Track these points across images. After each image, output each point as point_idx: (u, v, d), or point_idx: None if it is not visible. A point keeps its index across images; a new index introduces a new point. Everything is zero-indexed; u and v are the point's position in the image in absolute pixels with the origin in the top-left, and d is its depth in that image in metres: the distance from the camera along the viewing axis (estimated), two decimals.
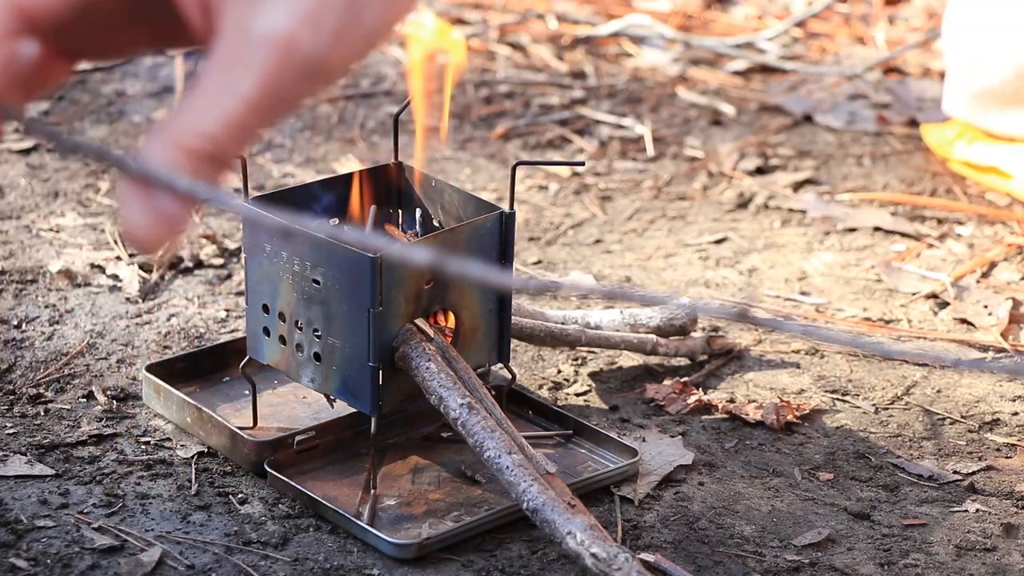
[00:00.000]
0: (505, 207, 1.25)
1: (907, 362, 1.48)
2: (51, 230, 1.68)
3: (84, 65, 2.15)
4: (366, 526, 1.18)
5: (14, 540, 1.17)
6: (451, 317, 1.25)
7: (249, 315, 1.27)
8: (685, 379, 1.43)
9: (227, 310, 1.52)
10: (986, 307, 1.60)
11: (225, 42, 0.60)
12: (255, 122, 0.60)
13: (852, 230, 1.79)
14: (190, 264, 1.61)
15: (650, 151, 1.99)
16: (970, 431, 1.39)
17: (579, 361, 1.47)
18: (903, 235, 1.79)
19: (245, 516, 1.21)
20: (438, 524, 1.20)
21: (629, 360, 1.47)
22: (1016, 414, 1.42)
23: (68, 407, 1.35)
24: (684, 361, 1.48)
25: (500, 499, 1.23)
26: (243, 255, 1.29)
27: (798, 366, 1.49)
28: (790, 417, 1.39)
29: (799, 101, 2.17)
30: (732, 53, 2.33)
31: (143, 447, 1.30)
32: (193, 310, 1.52)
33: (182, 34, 0.66)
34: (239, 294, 1.55)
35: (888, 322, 1.58)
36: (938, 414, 1.42)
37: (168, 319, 1.50)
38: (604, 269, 1.67)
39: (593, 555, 1.08)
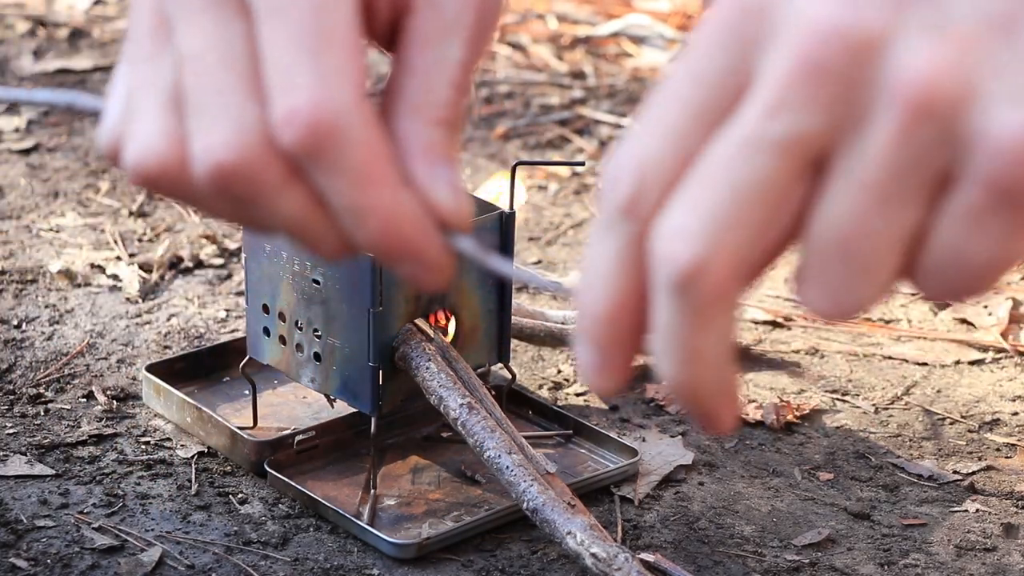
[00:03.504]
0: (505, 207, 1.25)
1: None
2: (51, 230, 1.68)
3: (85, 65, 2.15)
4: (366, 526, 1.18)
5: (14, 540, 1.17)
6: (451, 317, 1.25)
7: (249, 315, 1.27)
8: None
9: (227, 310, 1.52)
10: (986, 307, 1.60)
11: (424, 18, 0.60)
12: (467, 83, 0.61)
13: None
14: (190, 264, 1.61)
15: None
16: (970, 431, 1.39)
17: None
18: None
19: (245, 516, 1.21)
20: (438, 524, 1.20)
21: None
22: (1016, 414, 1.42)
23: (68, 407, 1.35)
24: None
25: (500, 499, 1.23)
26: (243, 255, 1.29)
27: (798, 366, 1.49)
28: (790, 417, 1.39)
29: None
30: None
31: (143, 447, 1.30)
32: (193, 310, 1.52)
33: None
34: (239, 294, 1.54)
35: (888, 322, 1.58)
36: (938, 414, 1.42)
37: (168, 319, 1.50)
38: None
39: (593, 555, 1.08)
